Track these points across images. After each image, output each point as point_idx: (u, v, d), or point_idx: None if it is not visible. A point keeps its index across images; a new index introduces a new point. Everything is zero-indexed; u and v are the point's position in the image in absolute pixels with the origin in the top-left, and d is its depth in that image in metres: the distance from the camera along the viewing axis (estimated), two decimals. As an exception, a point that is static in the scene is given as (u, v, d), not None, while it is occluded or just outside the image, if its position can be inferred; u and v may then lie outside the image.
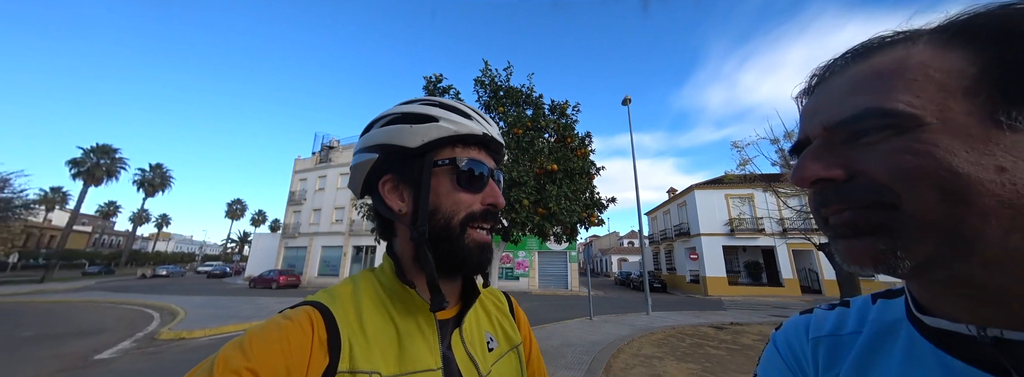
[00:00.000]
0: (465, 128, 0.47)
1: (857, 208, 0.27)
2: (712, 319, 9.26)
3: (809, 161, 0.28)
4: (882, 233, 0.25)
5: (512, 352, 0.53)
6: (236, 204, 58.36)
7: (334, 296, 0.44)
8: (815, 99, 0.31)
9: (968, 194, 0.22)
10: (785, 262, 18.03)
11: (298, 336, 0.37)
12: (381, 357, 0.40)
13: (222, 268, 32.69)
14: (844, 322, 0.38)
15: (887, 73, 0.27)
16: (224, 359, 0.34)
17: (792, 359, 0.39)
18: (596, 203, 6.10)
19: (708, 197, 19.72)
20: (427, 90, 5.67)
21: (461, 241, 0.45)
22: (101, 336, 6.81)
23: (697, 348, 5.97)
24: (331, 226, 24.85)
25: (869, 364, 0.33)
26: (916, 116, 0.24)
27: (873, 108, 0.26)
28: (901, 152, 0.25)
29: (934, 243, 0.24)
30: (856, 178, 0.27)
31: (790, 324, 0.42)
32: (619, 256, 43.33)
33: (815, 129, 0.29)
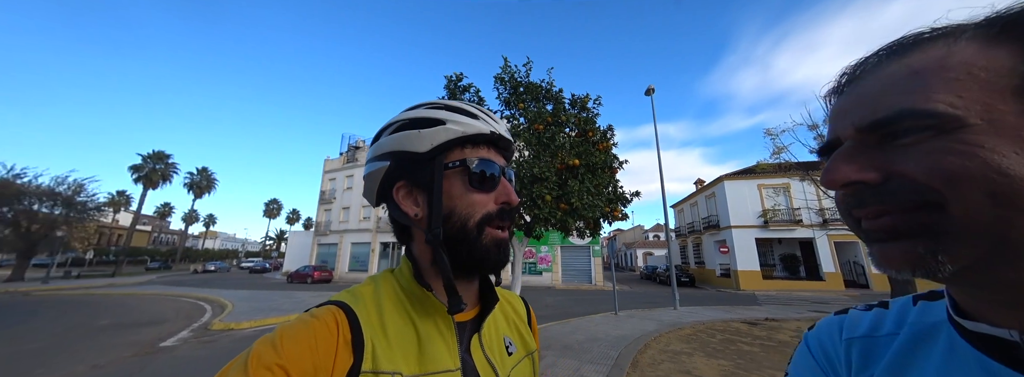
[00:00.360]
0: (472, 128, 0.47)
1: (898, 210, 0.25)
2: (745, 314, 8.93)
3: (841, 163, 0.27)
4: (924, 236, 0.24)
5: (528, 358, 0.54)
6: (273, 204, 61.98)
7: (357, 296, 0.45)
8: (846, 99, 0.30)
9: (1019, 195, 0.21)
10: (826, 255, 16.95)
11: (325, 335, 0.39)
12: (402, 358, 0.41)
13: (262, 264, 34.94)
14: (881, 323, 0.37)
15: (926, 72, 0.25)
16: (257, 355, 0.35)
17: (824, 359, 0.39)
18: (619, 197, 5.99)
19: (739, 188, 18.81)
20: (448, 89, 5.74)
21: (479, 242, 0.45)
22: (164, 326, 7.57)
23: (729, 344, 5.79)
24: (359, 223, 25.93)
25: (906, 366, 0.32)
26: (958, 117, 0.23)
27: (910, 109, 0.24)
28: (943, 152, 0.23)
29: (980, 247, 0.23)
30: (892, 180, 0.25)
31: (824, 324, 0.42)
32: (644, 250, 42.38)
33: (846, 130, 0.28)
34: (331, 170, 29.27)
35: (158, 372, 4.50)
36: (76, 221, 21.98)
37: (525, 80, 6.02)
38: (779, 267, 19.68)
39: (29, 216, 19.80)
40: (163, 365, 4.80)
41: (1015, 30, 0.24)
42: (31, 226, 19.98)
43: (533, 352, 0.56)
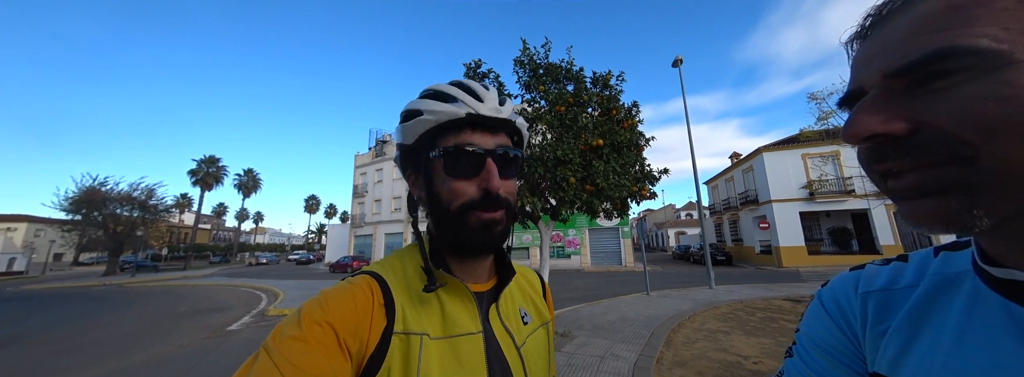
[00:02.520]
0: (445, 115, 0.46)
1: (925, 166, 0.24)
2: (788, 292, 8.55)
3: (865, 114, 0.25)
4: (955, 191, 0.23)
5: (542, 328, 0.57)
6: (312, 200, 66.07)
7: (386, 267, 0.49)
8: (871, 44, 0.27)
9: None
10: (884, 226, 15.66)
11: (362, 299, 0.43)
12: (429, 321, 0.45)
13: (307, 256, 37.71)
14: (900, 276, 0.36)
15: (966, 5, 0.22)
16: (308, 312, 0.40)
17: (839, 315, 0.39)
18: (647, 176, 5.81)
19: (780, 159, 17.56)
20: (467, 76, 5.72)
21: (464, 224, 0.46)
22: (229, 312, 8.51)
23: (769, 322, 5.61)
24: (391, 214, 27.15)
25: (925, 316, 0.32)
26: (1004, 53, 0.21)
27: (947, 47, 0.22)
28: (982, 99, 0.21)
29: (1017, 200, 0.22)
30: (921, 131, 0.23)
31: (838, 280, 0.41)
32: (676, 229, 41.14)
33: (872, 77, 0.25)
34: (361, 165, 30.53)
35: (229, 351, 5.17)
36: (151, 222, 25.20)
37: (545, 62, 5.86)
38: (827, 241, 18.45)
39: (115, 219, 22.99)
40: (233, 345, 5.49)
41: None
42: (117, 227, 23.20)
43: (548, 322, 0.59)
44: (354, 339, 0.40)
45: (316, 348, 0.37)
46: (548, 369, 0.55)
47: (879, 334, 0.35)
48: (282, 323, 0.40)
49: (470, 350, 0.45)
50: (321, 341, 0.38)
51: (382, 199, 28.07)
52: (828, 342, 0.39)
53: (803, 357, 0.40)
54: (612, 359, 4.00)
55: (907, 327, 0.33)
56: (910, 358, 0.31)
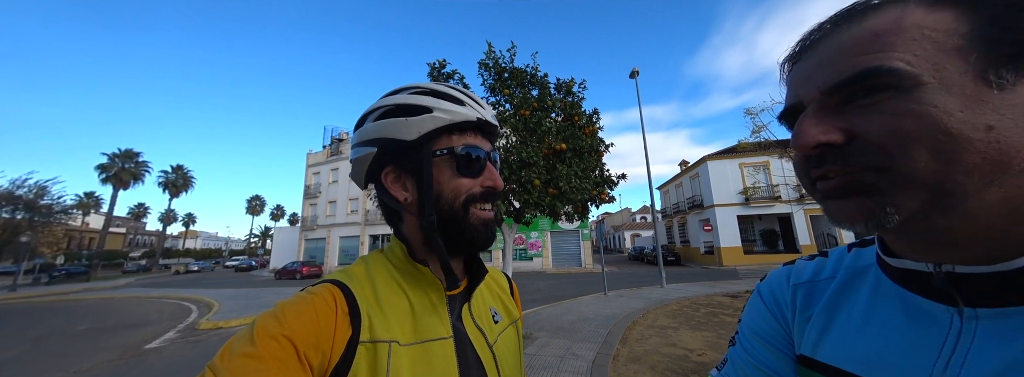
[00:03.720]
0: (459, 116, 0.47)
1: (852, 171, 0.27)
2: (727, 288, 9.38)
3: (809, 126, 0.29)
4: (874, 192, 0.27)
5: (512, 326, 0.58)
6: (255, 200, 60.27)
7: (350, 275, 0.47)
8: (806, 64, 0.31)
9: (957, 152, 0.24)
10: (803, 228, 17.82)
11: (324, 309, 0.41)
12: (398, 328, 0.43)
13: (248, 262, 34.33)
14: (822, 269, 0.41)
15: (885, 33, 0.26)
16: (262, 326, 0.37)
17: (774, 305, 0.43)
18: (606, 180, 6.08)
19: (721, 167, 19.34)
20: (431, 76, 5.60)
21: (466, 221, 0.47)
22: (148, 328, 7.40)
23: (712, 317, 6.11)
24: (347, 217, 25.63)
25: (839, 303, 0.37)
26: (916, 75, 0.25)
27: (873, 67, 0.26)
28: (902, 114, 0.25)
29: (921, 199, 0.25)
30: (855, 141, 0.27)
31: (773, 274, 0.46)
32: (632, 232, 43.47)
33: (811, 93, 0.29)
34: (315, 164, 28.54)
35: (146, 373, 4.46)
36: (41, 225, 20.76)
37: (510, 65, 5.92)
38: (759, 242, 20.58)
39: (-12, 222, 18.67)
40: (151, 366, 4.75)
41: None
42: (-10, 232, 18.87)
43: (517, 320, 0.60)
44: (316, 352, 0.38)
45: (272, 365, 0.35)
46: (519, 366, 0.55)
47: (805, 320, 0.39)
48: (232, 340, 0.37)
49: (442, 354, 0.45)
50: (278, 357, 0.35)
51: (337, 200, 26.39)
52: (765, 330, 0.43)
53: (744, 345, 0.44)
54: (572, 358, 4.10)
55: (825, 314, 0.38)
56: (827, 340, 0.36)
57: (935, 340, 0.29)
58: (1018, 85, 0.24)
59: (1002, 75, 0.24)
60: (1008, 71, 0.24)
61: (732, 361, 0.45)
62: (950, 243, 0.27)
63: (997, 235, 0.26)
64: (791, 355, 0.40)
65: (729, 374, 0.44)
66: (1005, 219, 0.25)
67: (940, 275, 0.28)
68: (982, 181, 0.24)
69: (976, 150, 0.24)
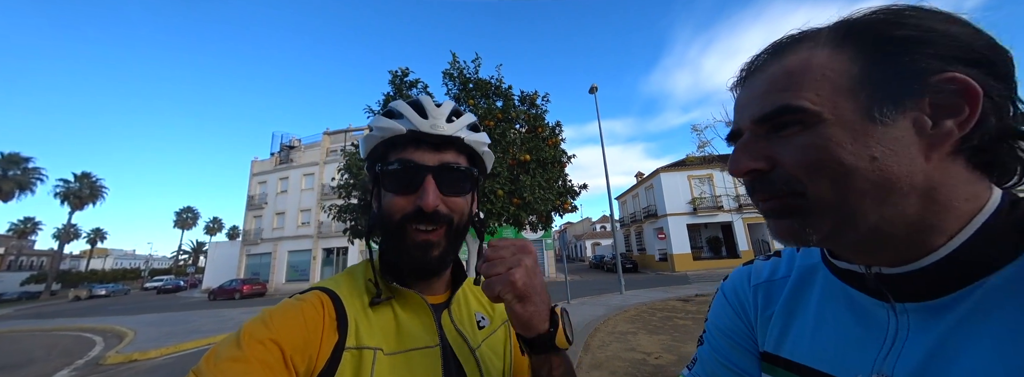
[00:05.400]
0: (388, 131, 0.47)
1: (779, 195, 0.32)
2: (679, 293, 9.95)
3: (740, 154, 0.34)
4: (796, 215, 0.32)
5: (503, 327, 0.58)
6: (186, 213, 53.60)
7: (338, 282, 0.48)
8: (745, 92, 0.36)
9: (850, 179, 0.28)
10: (742, 235, 19.56)
11: (312, 314, 0.42)
12: (382, 336, 0.44)
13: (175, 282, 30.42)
14: (777, 269, 0.45)
15: (796, 72, 0.31)
16: (249, 331, 0.38)
17: (738, 304, 0.47)
18: (569, 190, 6.28)
19: (673, 179, 20.79)
20: (393, 85, 5.49)
21: (404, 242, 0.47)
22: (29, 368, 5.93)
23: (667, 321, 6.43)
24: (297, 229, 23.69)
25: (796, 301, 0.41)
26: (818, 112, 0.29)
27: (785, 105, 0.30)
28: (808, 147, 0.30)
29: (830, 222, 0.30)
30: (777, 169, 0.32)
31: (735, 274, 0.50)
32: (593, 241, 44.89)
33: (745, 122, 0.34)
34: (261, 172, 26.24)
35: None
36: None
37: (474, 77, 5.99)
38: (705, 248, 22.21)
39: None
40: None
41: (851, 37, 0.30)
42: None
43: (507, 321, 0.59)
44: (302, 357, 0.38)
45: (258, 369, 0.35)
46: (507, 371, 0.55)
47: (766, 319, 0.43)
48: (217, 345, 0.37)
49: (426, 364, 0.45)
50: (264, 361, 0.36)
51: (286, 212, 24.34)
52: (730, 328, 0.46)
53: (711, 343, 0.47)
54: (536, 369, 4.08)
55: (785, 312, 0.41)
56: (788, 337, 0.40)
57: (878, 333, 0.33)
58: (897, 121, 0.28)
59: (884, 112, 0.28)
60: (888, 109, 0.28)
61: (701, 360, 0.48)
62: (866, 251, 0.32)
63: (901, 243, 0.30)
64: (755, 352, 0.43)
65: (698, 373, 0.47)
66: (904, 229, 0.29)
67: (871, 276, 0.33)
68: (875, 202, 0.28)
69: (865, 177, 0.28)
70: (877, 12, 0.30)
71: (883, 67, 0.28)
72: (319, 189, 23.84)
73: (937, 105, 0.28)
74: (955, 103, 0.27)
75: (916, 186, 0.28)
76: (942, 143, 0.28)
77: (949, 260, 0.29)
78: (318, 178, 24.17)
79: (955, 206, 0.29)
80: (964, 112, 0.27)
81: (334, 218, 5.92)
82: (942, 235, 0.29)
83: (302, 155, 25.66)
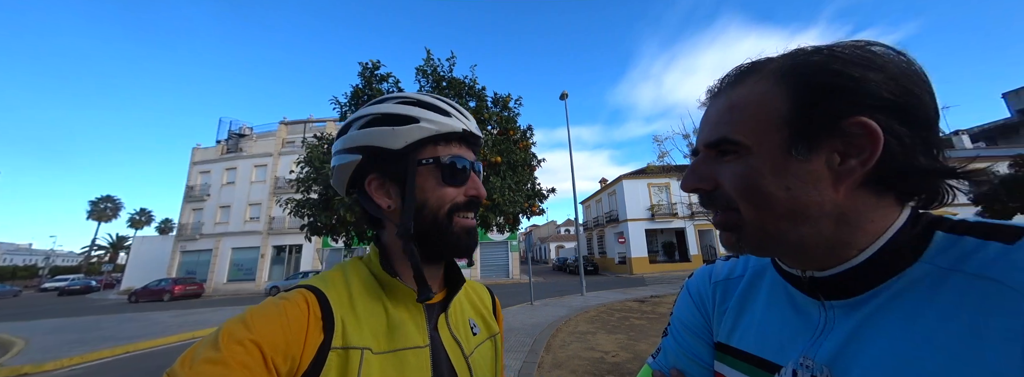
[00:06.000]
0: (446, 127, 0.49)
1: (721, 211, 0.38)
2: (636, 294, 10.48)
3: (690, 173, 0.40)
4: (733, 229, 0.38)
5: (490, 340, 0.59)
6: (105, 202, 47.04)
7: (326, 281, 0.47)
8: (704, 115, 0.41)
9: (769, 204, 0.34)
10: (693, 241, 21.03)
11: (296, 314, 0.40)
12: (371, 335, 0.44)
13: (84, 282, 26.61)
14: (735, 268, 0.51)
15: (737, 108, 0.36)
16: (228, 332, 0.36)
17: (699, 299, 0.52)
18: (537, 193, 6.38)
19: (634, 186, 21.86)
20: (363, 77, 5.27)
21: (450, 229, 0.49)
22: None
23: (624, 321, 6.75)
24: (245, 225, 21.78)
25: (748, 297, 0.46)
26: (748, 146, 0.35)
27: (724, 137, 0.36)
28: (740, 174, 0.35)
29: (756, 237, 0.36)
30: (719, 189, 0.38)
31: (698, 273, 0.56)
32: (557, 243, 45.84)
33: (699, 144, 0.40)
34: (204, 161, 23.82)
35: None
36: None
37: (449, 75, 5.92)
38: (661, 253, 23.57)
39: None
40: None
41: (787, 76, 0.34)
42: None
43: (496, 335, 0.61)
44: (284, 358, 0.37)
45: (237, 371, 0.34)
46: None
47: (722, 312, 0.48)
48: (194, 347, 0.36)
49: (416, 364, 0.45)
50: (243, 363, 0.35)
51: (233, 205, 22.28)
52: (691, 322, 0.51)
53: (674, 335, 0.52)
54: (497, 370, 4.10)
55: (737, 307, 0.46)
56: (738, 329, 0.45)
57: (810, 326, 0.38)
58: (810, 158, 0.33)
59: (799, 150, 0.33)
60: (803, 147, 0.33)
61: (665, 350, 0.52)
62: (796, 260, 0.38)
63: (822, 255, 0.36)
64: (711, 343, 0.48)
65: (662, 361, 0.51)
66: (822, 245, 0.35)
67: (806, 278, 0.38)
68: (791, 224, 0.34)
69: (781, 204, 0.34)
70: (815, 53, 0.34)
71: (807, 109, 0.33)
72: (273, 182, 22.11)
73: (846, 144, 0.32)
74: (861, 144, 0.32)
75: (827, 212, 0.33)
76: (849, 177, 0.33)
77: (862, 266, 0.34)
78: (272, 170, 22.41)
79: (864, 226, 0.34)
80: (865, 152, 0.32)
81: (291, 213, 5.53)
82: (855, 249, 0.34)
83: (254, 145, 23.68)
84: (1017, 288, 0.27)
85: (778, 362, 0.39)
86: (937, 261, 0.32)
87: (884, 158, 0.31)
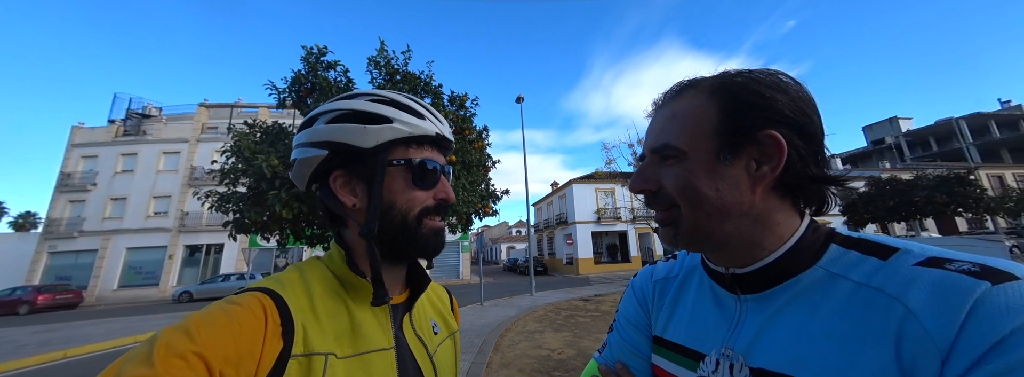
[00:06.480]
0: (418, 130, 0.49)
1: (663, 210, 0.43)
2: (582, 294, 11.00)
3: (637, 176, 0.44)
4: (672, 225, 0.42)
5: (450, 338, 0.59)
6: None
7: (283, 283, 0.43)
8: (650, 124, 0.46)
9: (701, 204, 0.39)
10: (633, 243, 22.73)
11: (250, 321, 0.37)
12: (335, 339, 0.42)
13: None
14: (672, 268, 0.56)
15: (678, 117, 0.42)
16: (166, 343, 0.32)
17: (641, 297, 0.56)
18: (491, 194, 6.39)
19: (583, 190, 22.98)
20: (307, 63, 4.82)
21: (419, 231, 0.48)
22: None
23: (570, 319, 7.03)
24: (147, 221, 18.54)
25: (680, 294, 0.51)
26: (685, 151, 0.40)
27: (666, 143, 0.41)
28: (679, 176, 0.40)
29: (691, 233, 0.41)
30: (662, 190, 0.42)
31: (642, 272, 0.60)
32: (508, 244, 46.30)
33: (646, 149, 0.45)
34: (89, 143, 19.80)
35: None
36: None
37: (404, 69, 5.68)
38: (605, 254, 25.06)
39: None
40: None
41: (719, 94, 0.40)
42: None
43: (455, 333, 0.62)
44: (236, 370, 0.34)
45: None
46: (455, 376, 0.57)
47: (660, 308, 0.52)
48: (118, 362, 0.31)
49: (382, 366, 0.44)
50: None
51: (130, 197, 18.81)
52: (634, 317, 0.55)
53: (619, 331, 0.56)
54: (444, 374, 4.00)
55: (672, 303, 0.51)
56: (672, 323, 0.49)
57: (729, 318, 0.43)
58: (734, 163, 0.38)
59: (725, 156, 0.38)
60: (729, 154, 0.38)
61: (610, 344, 0.56)
62: (721, 256, 0.43)
63: (742, 252, 0.41)
64: (650, 336, 0.52)
65: (608, 355, 0.55)
66: (742, 242, 0.40)
67: (728, 275, 0.43)
68: (719, 221, 0.39)
69: (710, 203, 0.39)
70: (739, 75, 0.40)
71: (732, 121, 0.39)
72: (188, 172, 19.16)
73: (760, 153, 0.38)
74: (771, 153, 0.38)
75: (746, 212, 0.39)
76: (762, 181, 0.38)
77: (771, 265, 0.40)
78: (187, 158, 19.42)
79: (774, 229, 0.40)
80: (775, 160, 0.38)
81: (212, 208, 4.84)
82: (766, 250, 0.40)
83: (164, 128, 20.33)
84: (893, 295, 0.32)
85: (703, 351, 0.43)
86: (831, 268, 0.38)
87: (787, 166, 0.38)
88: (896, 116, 32.43)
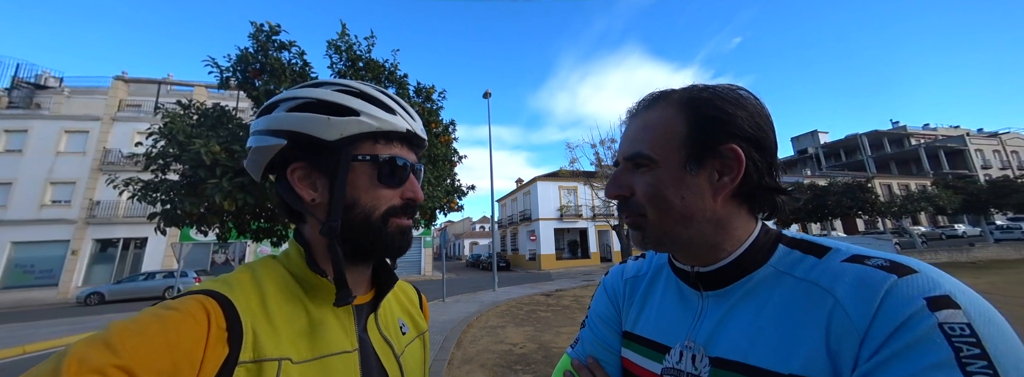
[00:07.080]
0: (388, 125, 0.46)
1: (634, 214, 0.46)
2: (543, 289, 11.25)
3: (612, 182, 0.47)
4: (641, 229, 0.46)
5: (419, 338, 0.58)
6: None
7: (230, 284, 0.40)
8: (624, 132, 0.49)
9: (668, 210, 0.43)
10: (593, 239, 23.67)
11: (189, 327, 0.34)
12: (291, 343, 0.39)
13: None
14: (642, 267, 0.59)
15: (649, 127, 0.45)
16: (79, 358, 0.28)
17: (612, 294, 0.59)
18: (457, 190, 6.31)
19: (547, 188, 23.45)
20: (257, 41, 4.39)
21: (384, 231, 0.46)
22: None
23: (532, 314, 7.17)
24: (42, 211, 15.74)
25: (649, 291, 0.55)
26: (656, 159, 0.43)
27: (638, 152, 0.44)
28: (649, 184, 0.44)
29: (657, 236, 0.45)
30: (633, 196, 0.45)
31: (613, 271, 0.63)
32: (471, 240, 46.01)
33: (620, 157, 0.48)
34: (-33, 119, 16.37)
35: None
36: None
37: (366, 56, 5.38)
38: (566, 250, 25.86)
39: None
40: None
41: (687, 108, 0.43)
42: None
43: (424, 332, 0.60)
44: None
45: None
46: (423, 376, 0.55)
47: (630, 305, 0.55)
48: (30, 372, 0.28)
49: (344, 370, 0.42)
50: None
51: (17, 182, 15.79)
52: (606, 314, 0.57)
53: (591, 327, 0.58)
54: (404, 373, 3.91)
55: (641, 300, 0.54)
56: (640, 318, 0.52)
57: (693, 313, 0.46)
58: (698, 173, 0.42)
59: (691, 166, 0.42)
60: (695, 164, 0.42)
61: (582, 340, 0.58)
62: (686, 256, 0.47)
63: (705, 253, 0.45)
64: (620, 332, 0.55)
65: (580, 350, 0.57)
66: (705, 244, 0.44)
67: (693, 273, 0.47)
68: (683, 226, 0.43)
69: (676, 210, 0.43)
70: (705, 90, 0.44)
71: (698, 134, 0.42)
72: (100, 155, 16.56)
73: (722, 165, 0.42)
74: (732, 165, 0.42)
75: (708, 218, 0.43)
76: (723, 190, 0.42)
77: (730, 265, 0.44)
78: (97, 139, 16.74)
79: (733, 233, 0.44)
80: (735, 171, 0.42)
81: (134, 198, 4.26)
82: (725, 251, 0.44)
83: (66, 102, 17.35)
84: (825, 288, 0.37)
85: (668, 344, 0.47)
86: (778, 266, 0.42)
87: (745, 177, 0.42)
88: (817, 129, 37.69)
